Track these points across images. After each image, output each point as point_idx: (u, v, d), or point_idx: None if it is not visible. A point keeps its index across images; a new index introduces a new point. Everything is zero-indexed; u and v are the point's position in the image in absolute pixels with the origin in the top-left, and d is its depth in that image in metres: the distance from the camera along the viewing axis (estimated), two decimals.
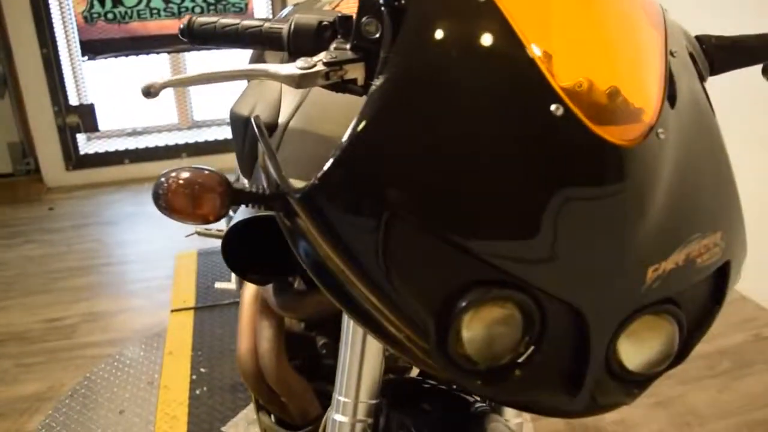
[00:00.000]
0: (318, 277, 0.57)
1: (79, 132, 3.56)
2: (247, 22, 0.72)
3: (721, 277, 0.61)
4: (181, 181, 0.59)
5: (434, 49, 0.53)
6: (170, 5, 3.34)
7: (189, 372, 1.93)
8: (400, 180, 0.50)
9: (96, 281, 2.64)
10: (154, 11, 3.34)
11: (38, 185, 3.53)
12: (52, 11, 3.31)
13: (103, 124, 3.63)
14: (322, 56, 0.63)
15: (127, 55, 3.43)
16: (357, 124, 0.51)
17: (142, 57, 3.52)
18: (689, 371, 1.95)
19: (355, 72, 0.63)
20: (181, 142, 3.70)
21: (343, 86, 0.65)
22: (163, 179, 0.60)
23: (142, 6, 3.32)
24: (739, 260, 0.64)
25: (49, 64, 3.35)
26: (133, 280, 2.65)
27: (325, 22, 0.67)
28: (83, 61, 3.45)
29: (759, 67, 0.77)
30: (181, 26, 0.73)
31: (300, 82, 0.63)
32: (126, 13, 3.31)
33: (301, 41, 0.67)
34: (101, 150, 3.65)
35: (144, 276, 2.64)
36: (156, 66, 3.83)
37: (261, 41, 0.71)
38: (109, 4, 3.29)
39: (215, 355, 1.98)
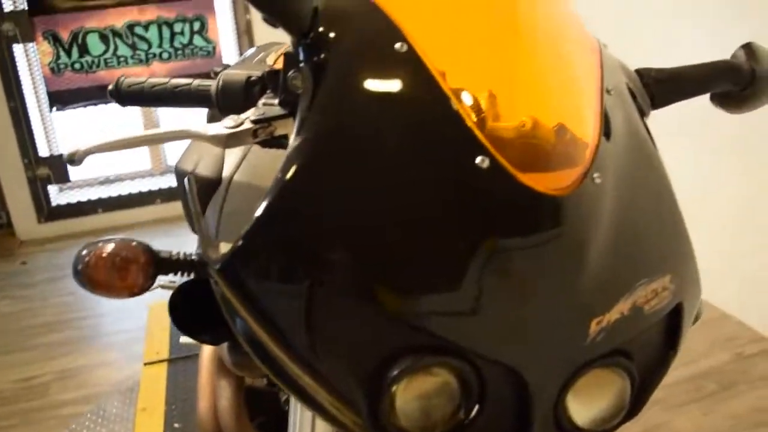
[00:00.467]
0: (250, 348, 0.54)
1: (50, 183, 3.52)
2: (175, 81, 0.70)
3: (674, 320, 0.59)
4: (102, 254, 0.56)
5: (355, 106, 0.51)
6: (138, 52, 3.33)
7: (162, 428, 1.87)
8: (321, 246, 0.48)
9: (72, 336, 2.58)
10: (122, 59, 3.33)
11: (11, 239, 3.47)
12: (18, 64, 3.29)
13: (74, 174, 3.59)
14: (250, 113, 0.61)
15: (96, 104, 3.41)
16: (272, 191, 0.49)
17: (111, 105, 3.48)
18: (675, 396, 1.93)
19: (286, 128, 0.61)
20: (154, 188, 3.66)
21: (274, 143, 0.63)
22: (83, 252, 0.57)
23: (108, 54, 3.30)
24: (693, 300, 0.61)
25: (17, 116, 3.32)
26: (109, 332, 2.60)
27: (253, 78, 0.65)
28: (52, 112, 3.42)
29: None
30: (110, 88, 0.72)
31: (227, 141, 0.61)
32: (93, 62, 3.30)
33: (230, 98, 0.66)
34: (73, 200, 3.60)
35: (120, 327, 2.59)
36: (126, 113, 3.81)
37: (191, 100, 0.69)
38: (75, 54, 3.27)
39: (189, 409, 1.92)
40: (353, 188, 0.48)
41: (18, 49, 3.29)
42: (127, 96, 0.70)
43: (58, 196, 3.62)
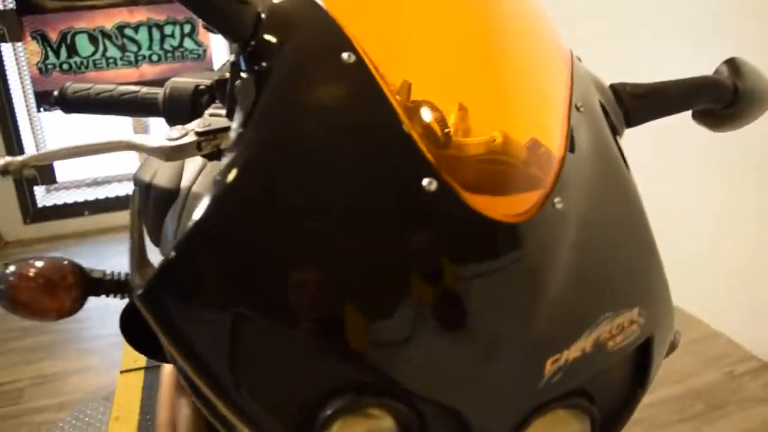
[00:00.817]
0: (183, 379, 0.50)
1: (37, 184, 3.49)
2: (123, 88, 0.66)
3: (643, 355, 0.55)
4: (27, 274, 0.52)
5: (294, 120, 0.47)
6: (127, 54, 3.30)
7: None
8: (250, 272, 0.43)
9: (50, 340, 2.54)
10: (110, 60, 3.29)
11: None
12: (5, 63, 3.26)
13: (61, 176, 3.56)
14: (195, 125, 0.58)
15: None
16: (200, 212, 0.44)
17: None
18: (661, 415, 1.88)
19: None
20: None
21: (221, 156, 0.59)
22: (7, 271, 0.53)
23: (97, 56, 3.27)
24: (665, 333, 0.57)
25: (4, 116, 3.28)
26: (88, 337, 2.55)
27: (201, 86, 0.62)
28: (39, 112, 3.38)
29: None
30: (55, 94, 0.68)
31: (170, 154, 0.57)
32: (82, 63, 3.26)
33: (177, 107, 0.62)
34: (60, 202, 3.57)
35: (100, 333, 2.54)
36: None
37: (138, 108, 0.65)
38: (63, 54, 3.23)
39: None
40: (287, 211, 0.44)
41: (6, 48, 3.26)
42: (71, 102, 0.67)
43: (44, 197, 3.59)
